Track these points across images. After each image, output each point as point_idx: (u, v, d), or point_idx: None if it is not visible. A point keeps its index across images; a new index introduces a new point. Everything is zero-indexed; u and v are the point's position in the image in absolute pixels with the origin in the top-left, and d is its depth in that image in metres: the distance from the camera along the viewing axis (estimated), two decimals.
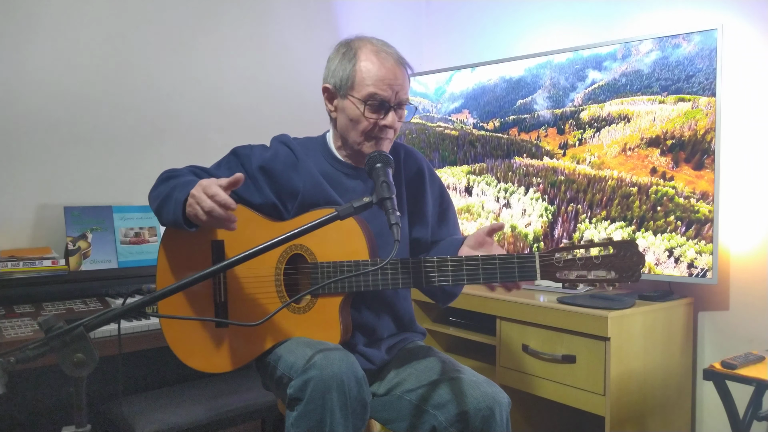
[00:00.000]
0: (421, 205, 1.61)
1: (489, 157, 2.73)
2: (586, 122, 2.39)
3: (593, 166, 2.37)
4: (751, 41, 2.14)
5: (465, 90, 2.79)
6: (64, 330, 0.96)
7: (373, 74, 1.45)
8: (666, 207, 2.16)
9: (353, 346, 1.47)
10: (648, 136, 2.23)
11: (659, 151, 2.20)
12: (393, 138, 1.53)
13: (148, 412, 1.92)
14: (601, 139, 2.35)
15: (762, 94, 2.13)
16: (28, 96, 2.22)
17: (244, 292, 1.49)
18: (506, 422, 1.36)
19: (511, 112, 2.63)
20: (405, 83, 1.49)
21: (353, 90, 1.47)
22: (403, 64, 1.49)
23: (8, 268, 2.00)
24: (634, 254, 1.28)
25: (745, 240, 2.16)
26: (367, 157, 1.38)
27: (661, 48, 2.18)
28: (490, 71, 2.69)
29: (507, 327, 2.25)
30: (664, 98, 2.18)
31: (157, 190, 1.48)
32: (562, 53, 2.45)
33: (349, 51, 1.49)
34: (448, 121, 2.88)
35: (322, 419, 1.24)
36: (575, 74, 2.42)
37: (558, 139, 2.48)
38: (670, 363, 2.17)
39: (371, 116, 1.46)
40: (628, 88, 2.27)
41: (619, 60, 2.29)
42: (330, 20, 3.00)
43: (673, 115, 2.16)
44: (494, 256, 1.35)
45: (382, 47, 1.49)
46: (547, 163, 2.51)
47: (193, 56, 2.59)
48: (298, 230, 1.20)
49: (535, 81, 2.55)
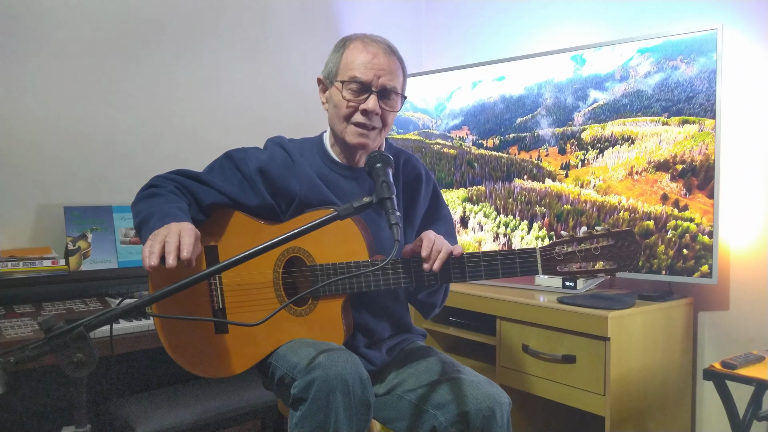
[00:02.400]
0: (414, 209, 1.61)
1: (488, 179, 2.67)
2: (588, 142, 2.35)
3: (599, 191, 2.31)
4: (751, 42, 2.14)
5: (465, 107, 2.76)
6: (64, 330, 0.96)
7: (357, 59, 1.46)
8: (694, 250, 2.07)
9: (354, 348, 1.46)
10: (656, 159, 2.18)
11: (669, 176, 2.15)
12: (381, 129, 1.51)
13: (148, 412, 1.92)
14: (605, 161, 2.31)
15: (762, 96, 2.13)
16: (28, 95, 2.22)
17: (242, 298, 1.48)
18: (507, 422, 1.36)
19: (511, 130, 2.60)
20: (392, 71, 1.47)
21: (337, 76, 1.49)
22: (389, 53, 1.48)
23: (8, 268, 2.00)
24: (632, 243, 1.31)
25: (745, 240, 2.16)
26: (367, 157, 1.38)
27: (660, 69, 2.16)
28: (490, 89, 2.65)
29: (507, 327, 2.25)
30: (667, 119, 2.15)
31: (137, 206, 1.45)
32: (562, 53, 2.44)
33: (340, 43, 1.53)
34: (447, 137, 2.83)
35: (326, 419, 1.24)
36: (575, 93, 2.39)
37: (559, 159, 2.44)
38: (670, 363, 2.17)
39: (351, 99, 1.46)
40: (628, 108, 2.25)
41: (617, 80, 2.27)
42: (330, 20, 3.00)
43: (680, 138, 2.12)
44: (495, 252, 1.35)
45: (371, 37, 1.50)
46: (549, 186, 2.45)
47: (192, 56, 2.59)
48: (298, 230, 1.19)
49: (535, 100, 2.51)
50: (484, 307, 2.33)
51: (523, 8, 2.86)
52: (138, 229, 1.43)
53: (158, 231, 1.30)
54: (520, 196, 2.55)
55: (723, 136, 2.09)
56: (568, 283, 2.29)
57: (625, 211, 2.24)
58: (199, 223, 1.46)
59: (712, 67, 2.05)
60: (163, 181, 1.51)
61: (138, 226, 1.42)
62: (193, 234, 1.29)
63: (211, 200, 1.49)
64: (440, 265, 1.35)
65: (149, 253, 1.25)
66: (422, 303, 1.60)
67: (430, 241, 1.37)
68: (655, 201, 2.19)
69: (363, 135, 1.48)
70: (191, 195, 1.49)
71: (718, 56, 2.04)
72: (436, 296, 1.57)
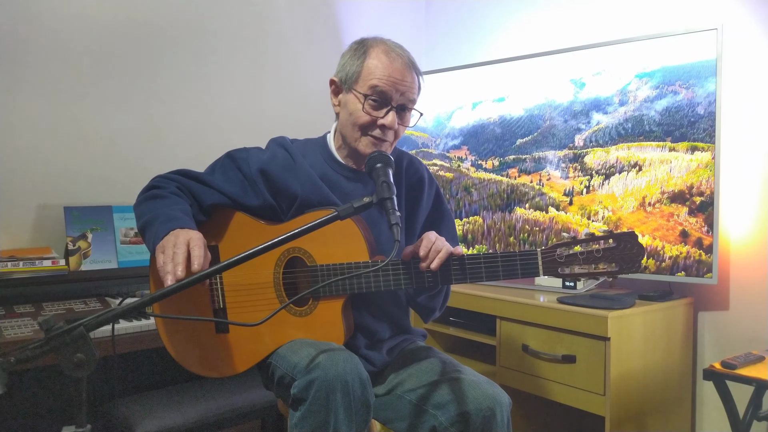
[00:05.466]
0: (416, 212, 1.61)
1: (486, 209, 2.58)
2: (592, 168, 2.28)
3: (608, 223, 2.20)
4: (751, 41, 2.14)
5: (465, 126, 2.72)
6: (64, 330, 0.96)
7: (380, 70, 1.44)
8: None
9: (355, 349, 1.46)
10: (669, 189, 2.09)
11: (687, 209, 2.05)
12: (393, 142, 1.51)
13: (148, 412, 1.92)
14: (611, 188, 2.20)
15: (761, 94, 2.13)
16: (29, 95, 2.22)
17: (243, 298, 1.48)
18: (507, 422, 1.36)
19: (511, 152, 2.55)
20: (411, 86, 1.47)
21: (357, 84, 1.46)
22: (412, 68, 1.47)
23: (8, 268, 2.00)
24: (634, 245, 1.30)
25: (745, 239, 2.16)
26: (367, 157, 1.38)
27: (660, 95, 2.14)
28: (490, 110, 2.61)
29: (507, 327, 2.25)
30: (674, 145, 2.08)
31: (140, 208, 1.45)
32: (562, 53, 2.44)
33: (360, 47, 1.49)
34: (446, 158, 2.77)
35: (326, 419, 1.24)
36: (575, 116, 2.35)
37: (562, 184, 2.35)
38: (670, 363, 2.17)
39: (371, 112, 1.45)
40: (630, 132, 2.20)
41: (616, 104, 2.24)
42: (330, 21, 2.99)
43: (693, 166, 2.04)
44: (497, 254, 1.35)
45: (394, 48, 1.48)
46: (553, 215, 2.35)
47: (193, 56, 2.59)
48: (298, 230, 1.18)
49: (534, 121, 2.47)
50: (484, 307, 2.33)
51: (523, 8, 2.86)
52: (141, 232, 1.43)
53: (165, 242, 1.30)
54: (522, 233, 2.43)
55: (723, 136, 2.09)
56: (568, 283, 2.29)
57: (649, 259, 2.09)
58: (200, 223, 1.46)
59: (710, 89, 2.02)
60: (165, 181, 1.51)
61: (141, 228, 1.43)
62: (202, 244, 1.30)
63: (212, 201, 1.49)
64: (438, 264, 1.34)
65: (169, 271, 1.23)
66: (422, 306, 1.59)
67: (430, 242, 1.37)
68: (674, 236, 2.10)
69: (377, 145, 1.47)
70: (192, 196, 1.49)
71: (718, 56, 2.04)
72: (436, 300, 1.57)
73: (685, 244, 2.10)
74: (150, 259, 1.46)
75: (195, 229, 1.35)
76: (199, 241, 1.29)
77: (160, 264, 1.26)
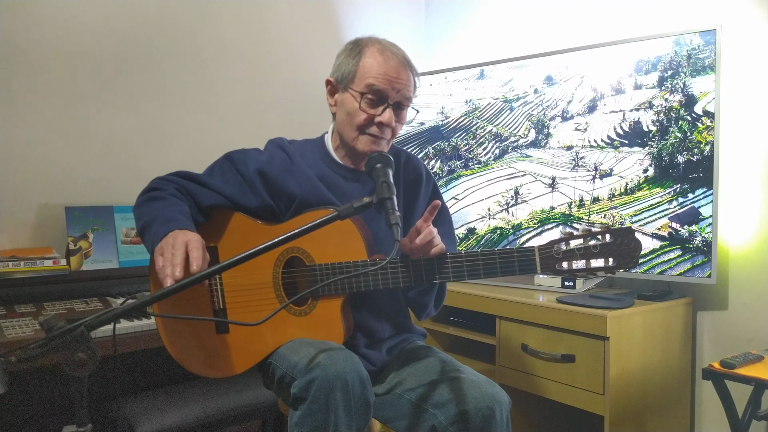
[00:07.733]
0: (414, 209, 1.61)
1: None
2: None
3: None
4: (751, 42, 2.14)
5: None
6: (65, 329, 0.97)
7: (375, 69, 1.45)
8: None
9: (355, 348, 1.46)
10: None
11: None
12: (390, 140, 1.53)
13: (148, 411, 1.92)
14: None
15: (761, 94, 2.13)
16: (29, 95, 2.23)
17: (242, 298, 1.48)
18: (506, 422, 1.37)
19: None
20: (407, 84, 1.48)
21: (353, 83, 1.48)
22: (407, 66, 1.49)
23: (9, 267, 2.00)
24: (631, 241, 1.29)
25: (744, 239, 2.17)
26: (367, 157, 1.39)
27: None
28: None
29: (506, 327, 2.25)
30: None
31: (139, 210, 1.46)
32: (561, 53, 2.45)
33: (356, 47, 1.50)
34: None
35: (326, 419, 1.24)
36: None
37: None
38: (669, 362, 2.17)
39: (368, 110, 1.46)
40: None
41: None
42: (330, 21, 3.00)
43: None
44: (494, 251, 1.35)
45: (389, 47, 1.49)
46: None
47: (193, 56, 2.59)
48: (298, 231, 1.19)
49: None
50: (483, 307, 2.33)
51: (523, 8, 2.86)
52: (141, 234, 1.44)
53: (164, 244, 1.30)
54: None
55: (722, 136, 2.10)
56: (567, 283, 2.29)
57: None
58: (199, 224, 1.47)
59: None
60: (164, 183, 1.51)
61: (141, 230, 1.43)
62: (200, 245, 1.30)
63: (210, 202, 1.50)
64: (421, 249, 1.35)
65: (167, 273, 1.24)
66: (413, 302, 1.59)
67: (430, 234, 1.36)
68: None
69: (375, 143, 1.49)
70: (191, 197, 1.50)
71: (718, 56, 2.04)
72: (428, 296, 1.56)
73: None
74: (150, 260, 1.47)
75: (194, 231, 1.36)
76: (197, 243, 1.30)
77: (158, 266, 1.27)
